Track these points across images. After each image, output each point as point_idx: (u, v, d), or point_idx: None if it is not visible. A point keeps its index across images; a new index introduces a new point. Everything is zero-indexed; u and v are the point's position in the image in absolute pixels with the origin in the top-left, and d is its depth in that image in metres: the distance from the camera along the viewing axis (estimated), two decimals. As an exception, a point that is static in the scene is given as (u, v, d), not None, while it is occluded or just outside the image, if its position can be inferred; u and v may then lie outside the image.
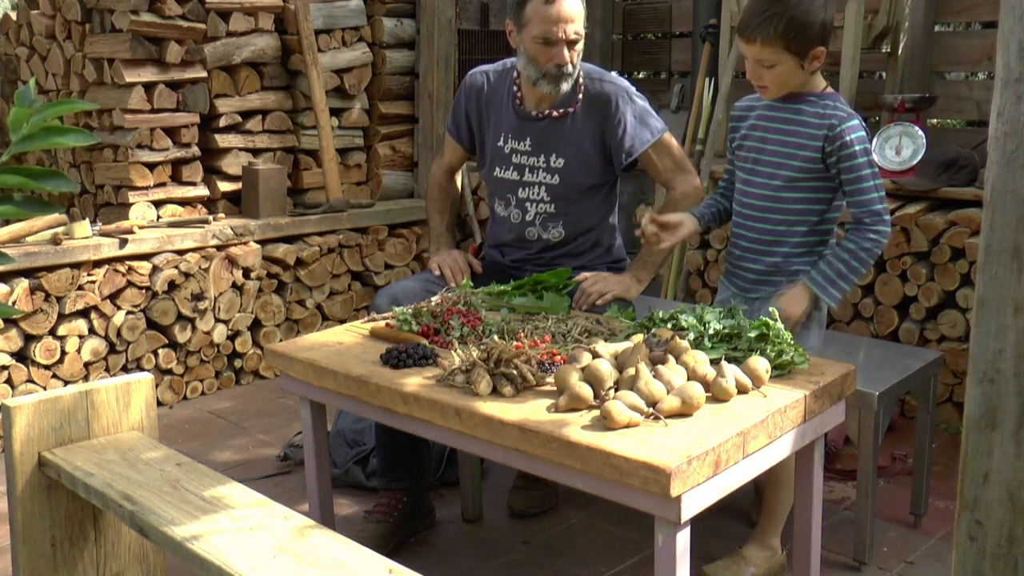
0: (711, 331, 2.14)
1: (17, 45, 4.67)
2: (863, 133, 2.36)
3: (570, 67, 2.71)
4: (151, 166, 4.05)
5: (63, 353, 3.62)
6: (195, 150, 4.18)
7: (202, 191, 4.22)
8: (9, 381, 3.51)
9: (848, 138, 2.33)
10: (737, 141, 2.55)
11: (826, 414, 2.08)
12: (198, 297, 3.94)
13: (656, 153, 2.84)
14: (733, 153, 2.58)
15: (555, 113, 2.81)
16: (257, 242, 4.14)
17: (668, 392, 1.88)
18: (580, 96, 2.80)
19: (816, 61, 2.34)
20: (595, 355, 2.02)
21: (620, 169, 2.85)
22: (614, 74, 2.91)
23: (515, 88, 2.86)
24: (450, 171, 3.14)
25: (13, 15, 4.78)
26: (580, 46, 2.72)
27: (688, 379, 1.93)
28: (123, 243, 3.72)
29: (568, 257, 2.88)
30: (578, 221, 2.87)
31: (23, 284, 3.47)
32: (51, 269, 3.56)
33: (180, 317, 3.91)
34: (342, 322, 4.04)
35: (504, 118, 2.89)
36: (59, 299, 3.58)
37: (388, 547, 2.63)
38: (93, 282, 3.66)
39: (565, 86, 2.74)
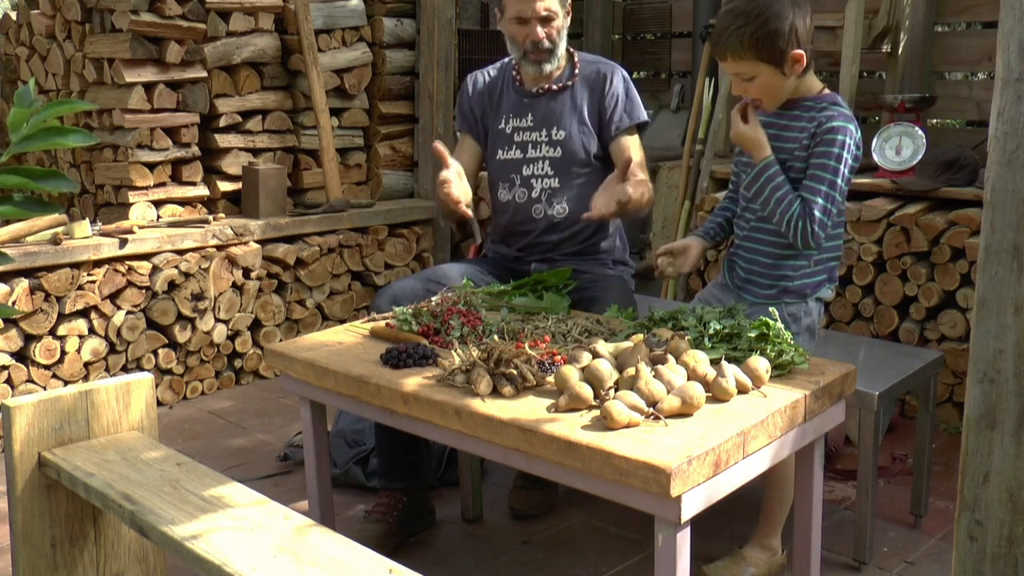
0: (711, 331, 2.14)
1: (17, 45, 4.67)
2: (848, 139, 2.30)
3: (547, 43, 2.85)
4: (151, 166, 4.05)
5: (63, 353, 3.62)
6: (195, 150, 4.18)
7: (202, 191, 4.22)
8: (9, 381, 3.51)
9: (829, 136, 2.29)
10: (739, 147, 2.55)
11: (826, 414, 2.08)
12: (198, 297, 3.94)
13: (631, 143, 2.89)
14: (737, 156, 2.57)
15: (554, 87, 2.94)
16: (257, 242, 4.14)
17: (668, 392, 1.88)
18: (577, 72, 2.95)
19: (797, 65, 2.31)
20: (595, 355, 2.02)
21: (609, 138, 2.90)
22: (608, 59, 3.06)
23: (514, 72, 3.00)
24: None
25: (13, 15, 4.78)
26: (559, 23, 2.85)
27: (688, 379, 1.93)
28: (123, 243, 3.72)
29: (571, 241, 2.92)
30: (580, 196, 2.88)
31: (23, 284, 3.47)
32: (51, 269, 3.56)
33: (180, 317, 3.91)
34: (342, 322, 4.04)
35: (505, 101, 3.00)
36: (59, 299, 3.58)
37: (388, 547, 2.63)
38: (93, 282, 3.66)
39: (548, 66, 2.89)
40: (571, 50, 2.97)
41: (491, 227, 3.12)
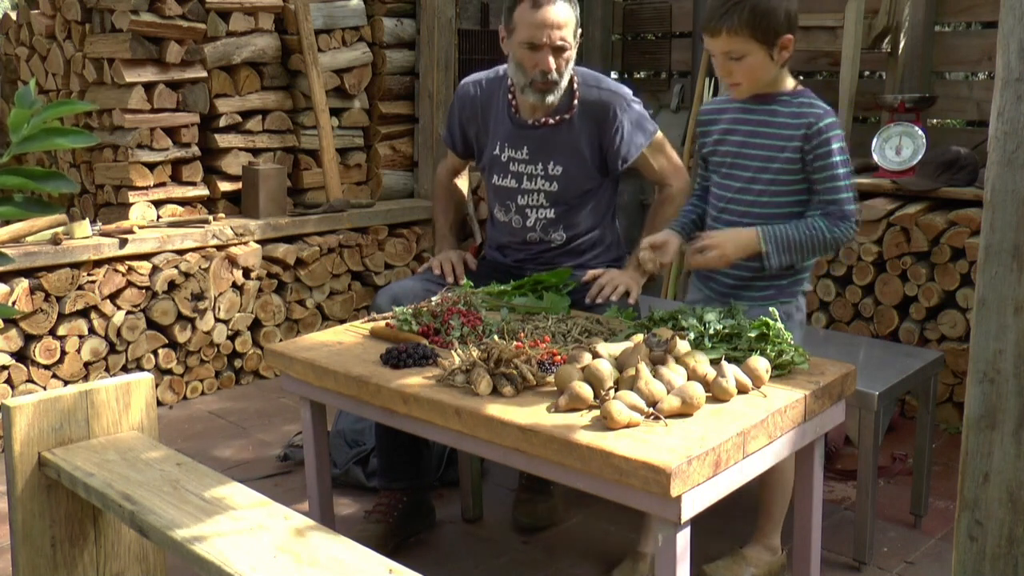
0: (711, 331, 2.14)
1: (17, 45, 4.67)
2: (840, 131, 2.36)
3: (555, 75, 2.69)
4: (151, 166, 4.05)
5: (63, 353, 3.62)
6: (195, 150, 4.18)
7: (202, 191, 4.22)
8: (9, 381, 3.51)
9: (826, 136, 2.32)
10: (709, 147, 2.51)
11: (826, 414, 2.08)
12: (198, 297, 3.94)
13: (651, 154, 2.88)
14: (705, 159, 2.54)
15: (551, 121, 2.81)
16: (257, 242, 4.14)
17: (668, 392, 1.88)
18: (576, 103, 2.80)
19: (784, 51, 2.33)
20: (595, 355, 2.02)
21: (616, 173, 2.88)
22: (610, 79, 2.91)
23: (510, 96, 2.86)
24: (453, 172, 3.17)
25: (13, 15, 4.78)
26: (569, 55, 2.71)
27: (688, 379, 1.93)
28: (123, 243, 3.72)
29: (570, 256, 2.89)
30: (578, 224, 2.87)
31: (23, 284, 3.47)
32: (51, 269, 3.56)
33: (180, 317, 3.91)
34: (342, 322, 4.04)
35: (500, 127, 2.89)
36: (59, 299, 3.58)
37: (388, 547, 2.62)
38: (93, 282, 3.66)
39: (551, 98, 2.73)
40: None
41: (488, 235, 3.11)
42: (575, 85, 2.80)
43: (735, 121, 2.46)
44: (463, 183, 3.24)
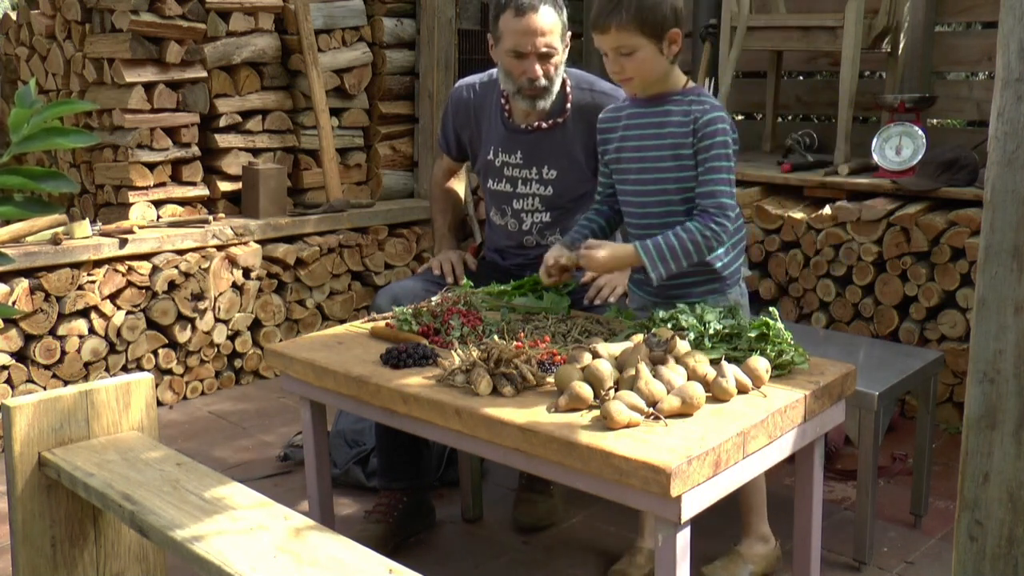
0: (711, 331, 2.14)
1: (17, 45, 4.67)
2: (727, 126, 2.35)
3: (543, 81, 2.68)
4: (151, 166, 4.05)
5: (63, 353, 3.62)
6: (195, 150, 4.18)
7: (202, 191, 4.22)
8: (9, 381, 3.51)
9: (710, 128, 2.33)
10: (611, 154, 2.49)
11: (826, 414, 2.08)
12: (198, 297, 3.94)
13: None
14: (607, 166, 2.52)
15: (544, 125, 2.80)
16: (257, 242, 4.14)
17: (668, 392, 1.88)
18: (569, 106, 2.79)
19: (674, 45, 2.35)
20: (595, 355, 2.02)
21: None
22: (604, 82, 2.89)
23: (503, 100, 2.85)
24: (449, 173, 3.16)
25: (13, 15, 4.79)
26: (557, 60, 2.70)
27: (688, 379, 1.93)
28: (123, 243, 3.72)
29: None
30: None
31: (23, 284, 3.47)
32: (51, 269, 3.56)
33: (180, 317, 3.91)
34: (342, 322, 4.04)
35: (494, 131, 2.88)
36: (59, 299, 3.58)
37: (388, 547, 2.62)
38: (93, 282, 3.66)
39: (542, 103, 2.72)
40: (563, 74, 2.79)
41: (486, 238, 3.10)
42: (568, 88, 2.79)
43: (630, 127, 2.44)
44: (461, 183, 3.24)
